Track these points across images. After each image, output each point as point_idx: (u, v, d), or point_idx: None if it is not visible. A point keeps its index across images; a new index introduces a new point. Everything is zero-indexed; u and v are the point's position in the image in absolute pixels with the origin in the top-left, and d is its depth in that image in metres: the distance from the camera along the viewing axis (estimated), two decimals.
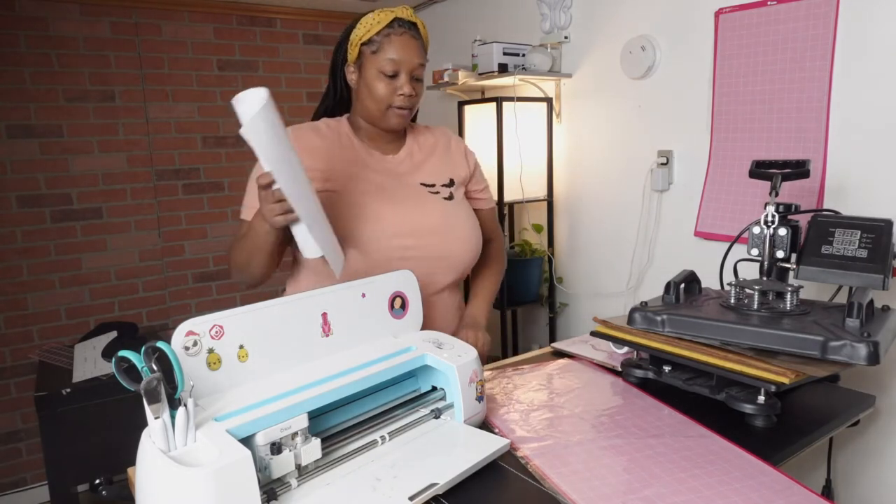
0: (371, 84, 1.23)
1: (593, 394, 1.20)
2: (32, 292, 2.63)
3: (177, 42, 2.85)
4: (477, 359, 1.03)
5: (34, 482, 2.70)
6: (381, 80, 1.23)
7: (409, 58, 1.23)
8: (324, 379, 0.89)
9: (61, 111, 2.62)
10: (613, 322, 1.26)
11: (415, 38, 1.25)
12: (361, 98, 1.27)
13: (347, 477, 0.85)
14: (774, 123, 1.72)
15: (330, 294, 0.98)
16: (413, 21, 1.26)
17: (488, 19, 2.72)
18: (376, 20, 1.22)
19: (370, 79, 1.23)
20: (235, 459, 0.70)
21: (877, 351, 0.95)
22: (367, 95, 1.25)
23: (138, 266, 2.86)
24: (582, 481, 0.88)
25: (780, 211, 1.20)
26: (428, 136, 1.41)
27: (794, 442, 1.01)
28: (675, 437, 1.00)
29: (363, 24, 1.23)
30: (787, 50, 1.67)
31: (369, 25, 1.22)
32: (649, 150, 2.08)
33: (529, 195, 2.37)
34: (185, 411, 0.73)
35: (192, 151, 2.94)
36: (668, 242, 2.08)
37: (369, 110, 1.27)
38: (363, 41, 1.23)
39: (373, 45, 1.22)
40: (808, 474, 1.58)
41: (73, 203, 2.68)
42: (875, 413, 1.51)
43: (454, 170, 1.39)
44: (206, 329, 0.82)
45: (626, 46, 2.08)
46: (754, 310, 1.12)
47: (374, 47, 1.22)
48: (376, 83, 1.23)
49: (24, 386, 2.63)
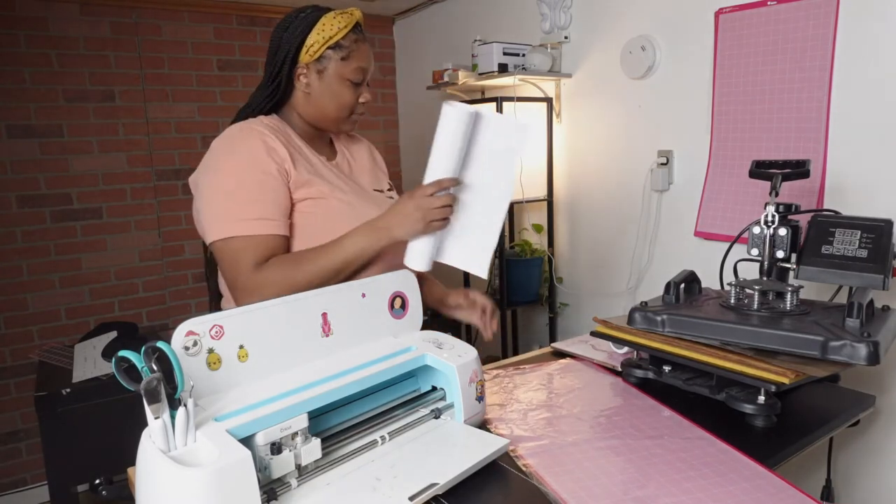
0: (336, 90, 1.19)
1: (593, 394, 1.20)
2: (32, 292, 2.62)
3: (177, 42, 2.85)
4: (477, 359, 1.03)
5: (34, 482, 2.70)
6: (347, 87, 1.19)
7: (371, 66, 1.23)
8: (324, 379, 0.89)
9: (61, 111, 2.62)
10: (613, 322, 1.26)
11: (368, 43, 1.23)
12: (316, 102, 1.20)
13: (347, 477, 0.85)
14: (774, 123, 1.72)
15: (330, 294, 0.98)
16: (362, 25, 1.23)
17: (488, 19, 2.72)
18: (341, 23, 1.17)
19: (335, 85, 1.19)
20: (235, 459, 0.70)
21: (877, 351, 0.95)
22: (330, 101, 1.20)
23: (138, 266, 2.86)
24: (575, 482, 0.88)
25: (780, 211, 1.20)
26: (351, 143, 1.38)
27: (794, 442, 1.01)
28: (672, 439, 1.00)
29: (328, 25, 1.17)
30: (787, 50, 1.67)
31: (335, 28, 1.17)
32: (649, 150, 2.08)
33: (529, 195, 2.37)
34: (185, 411, 0.73)
35: (192, 151, 2.94)
36: (668, 242, 2.08)
37: (327, 115, 1.22)
38: (330, 45, 1.17)
39: (342, 51, 1.18)
40: (808, 474, 1.58)
41: (73, 203, 2.68)
42: (875, 413, 1.51)
43: (382, 174, 1.40)
44: (206, 329, 0.82)
45: (626, 46, 2.08)
46: (754, 310, 1.12)
47: (344, 53, 1.18)
48: (342, 90, 1.19)
49: (24, 386, 2.63)
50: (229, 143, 1.14)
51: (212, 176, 1.13)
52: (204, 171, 1.15)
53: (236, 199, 1.09)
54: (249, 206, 1.08)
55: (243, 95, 3.03)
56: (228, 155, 1.13)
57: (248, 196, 1.09)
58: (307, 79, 1.19)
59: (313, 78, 1.19)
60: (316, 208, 1.15)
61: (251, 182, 1.09)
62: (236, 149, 1.12)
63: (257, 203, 1.09)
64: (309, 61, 1.18)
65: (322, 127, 1.26)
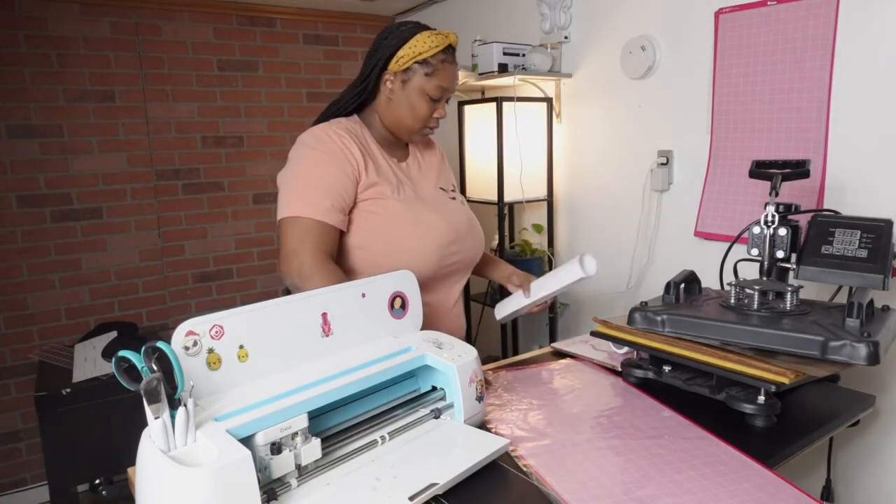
0: (415, 102, 1.28)
1: (593, 394, 1.20)
2: (32, 292, 2.62)
3: (177, 42, 2.85)
4: (477, 359, 1.03)
5: (34, 482, 2.70)
6: (425, 101, 1.29)
7: (453, 86, 1.33)
8: (324, 379, 0.89)
9: (61, 111, 2.62)
10: (613, 322, 1.26)
11: (457, 66, 1.32)
12: (396, 109, 1.30)
13: (347, 477, 0.85)
14: (774, 123, 1.72)
15: (330, 294, 0.98)
16: (455, 48, 1.32)
17: (488, 19, 2.72)
18: (434, 43, 1.26)
19: (415, 97, 1.28)
20: (235, 459, 0.70)
21: (877, 351, 0.95)
22: (408, 111, 1.29)
23: (138, 266, 2.86)
24: (576, 482, 0.88)
25: (780, 211, 1.20)
26: (426, 148, 1.47)
27: (794, 442, 1.01)
28: (673, 439, 1.00)
29: (420, 41, 1.26)
30: (787, 50, 1.67)
31: (427, 46, 1.25)
32: (649, 150, 2.08)
33: (529, 195, 2.36)
34: (185, 411, 0.73)
35: (192, 151, 2.94)
36: (668, 242, 2.08)
37: (403, 123, 1.31)
38: (418, 60, 1.26)
39: (428, 67, 1.27)
40: (808, 474, 1.58)
41: (73, 203, 2.68)
42: (875, 413, 1.51)
43: (450, 177, 1.50)
44: (206, 329, 0.82)
45: (626, 46, 2.08)
46: (754, 310, 1.12)
47: (429, 70, 1.27)
48: (421, 102, 1.28)
49: (24, 386, 2.63)
50: (315, 140, 1.26)
51: (296, 165, 1.25)
52: (288, 163, 1.28)
53: (314, 188, 1.21)
54: (323, 197, 1.20)
55: (243, 95, 3.05)
56: (313, 150, 1.24)
57: (324, 187, 1.21)
58: (392, 85, 1.30)
59: (397, 86, 1.29)
60: (377, 207, 1.26)
61: (329, 177, 1.22)
62: (320, 147, 1.24)
63: (330, 196, 1.20)
64: (397, 70, 1.28)
65: (396, 133, 1.35)
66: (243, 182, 3.08)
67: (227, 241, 3.07)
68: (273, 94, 3.11)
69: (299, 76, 3.17)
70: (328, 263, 1.17)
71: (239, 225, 3.09)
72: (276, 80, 3.11)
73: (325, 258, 1.18)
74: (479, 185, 2.43)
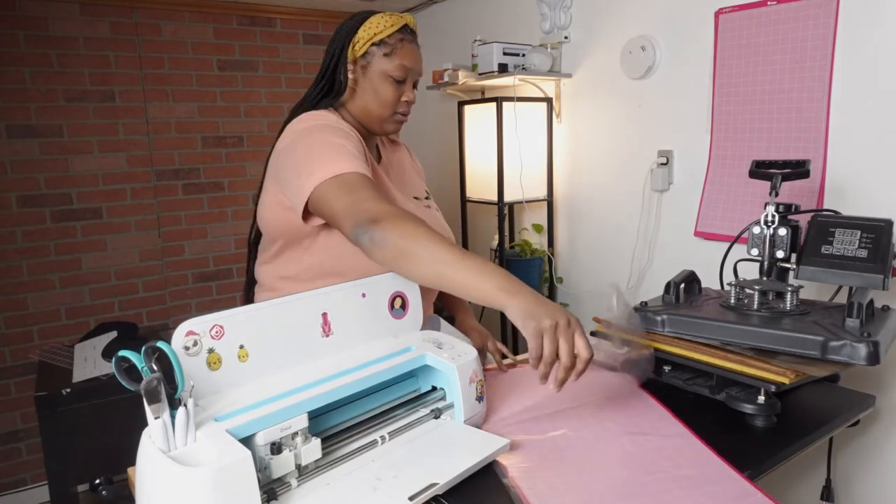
0: (378, 86, 1.21)
1: (593, 394, 1.19)
2: (32, 292, 2.63)
3: (177, 42, 2.85)
4: (477, 359, 1.03)
5: (34, 482, 2.70)
6: (388, 84, 1.21)
7: (417, 67, 1.24)
8: (324, 379, 0.89)
9: (61, 111, 2.62)
10: (613, 322, 1.26)
11: (419, 47, 1.26)
12: (360, 98, 1.24)
13: (347, 477, 0.85)
14: (774, 123, 1.72)
15: (330, 294, 0.98)
16: (415, 31, 1.27)
17: (488, 19, 2.72)
18: (388, 23, 1.21)
19: (377, 81, 1.21)
20: (235, 459, 0.70)
21: (877, 351, 0.95)
22: (373, 97, 1.22)
23: (138, 266, 2.86)
24: (576, 483, 0.88)
25: (780, 211, 1.20)
26: (393, 150, 1.40)
27: (794, 442, 1.01)
28: (673, 439, 1.00)
29: (373, 23, 1.21)
30: (787, 50, 1.67)
31: (382, 26, 1.20)
32: (649, 150, 2.08)
33: (529, 195, 2.37)
34: (185, 411, 0.73)
35: (192, 151, 2.94)
36: (668, 242, 2.08)
37: (370, 112, 1.24)
38: (374, 41, 1.20)
39: (385, 47, 1.20)
40: (808, 474, 1.58)
41: (73, 203, 2.68)
42: (875, 413, 1.51)
43: (422, 182, 1.42)
44: (206, 329, 0.82)
45: (626, 46, 2.08)
46: (754, 310, 1.12)
47: (387, 50, 1.20)
48: (384, 86, 1.21)
49: (24, 386, 2.63)
50: (315, 119, 1.17)
51: (308, 138, 1.12)
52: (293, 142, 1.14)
53: (338, 152, 1.07)
54: (356, 158, 1.08)
55: (243, 95, 3.05)
56: (321, 125, 1.14)
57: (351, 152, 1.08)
58: (353, 74, 1.23)
59: (359, 74, 1.23)
60: None
61: (350, 147, 1.10)
62: (324, 123, 1.15)
63: (360, 159, 1.09)
64: (355, 57, 1.22)
65: (367, 125, 1.26)
66: (243, 182, 3.08)
67: (227, 241, 3.07)
68: (273, 94, 3.11)
69: (299, 76, 3.17)
70: (395, 202, 1.04)
71: (239, 225, 3.09)
72: (276, 80, 3.11)
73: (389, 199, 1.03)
74: (479, 185, 2.43)
